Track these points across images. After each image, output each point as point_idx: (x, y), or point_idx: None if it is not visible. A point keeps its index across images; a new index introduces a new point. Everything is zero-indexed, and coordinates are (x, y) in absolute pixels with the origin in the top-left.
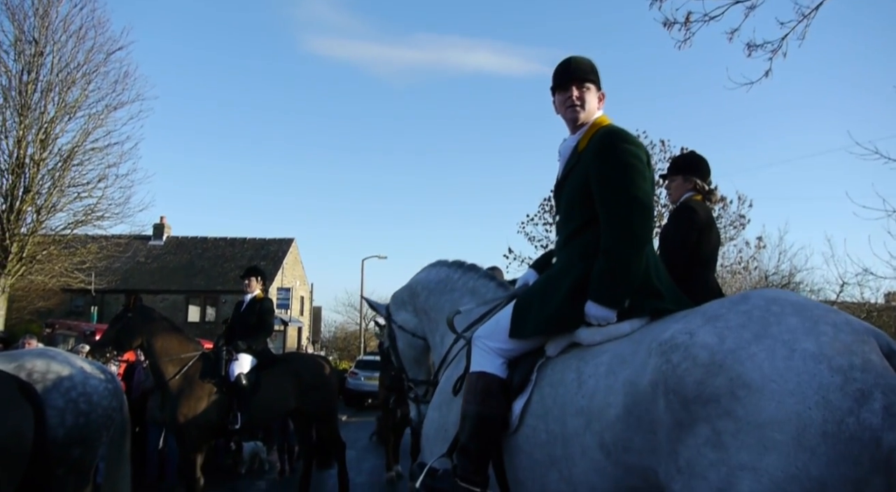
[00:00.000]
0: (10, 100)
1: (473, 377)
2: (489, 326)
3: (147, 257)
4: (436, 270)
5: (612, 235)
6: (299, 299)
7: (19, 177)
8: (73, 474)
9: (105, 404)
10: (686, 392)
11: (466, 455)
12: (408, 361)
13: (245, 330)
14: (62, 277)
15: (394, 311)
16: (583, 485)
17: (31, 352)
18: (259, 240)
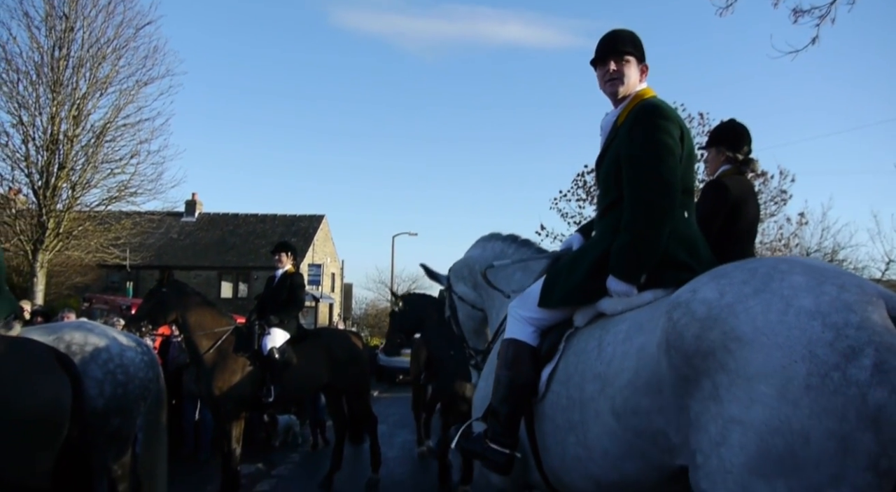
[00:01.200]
0: (42, 76)
1: (505, 344)
2: (523, 296)
3: (180, 234)
4: (491, 245)
5: (632, 211)
6: (330, 276)
7: (54, 153)
8: (113, 443)
9: (141, 376)
10: (686, 347)
11: (496, 418)
12: (468, 332)
13: (277, 305)
14: (98, 253)
15: (454, 282)
16: (597, 449)
17: (69, 324)
18: (290, 216)
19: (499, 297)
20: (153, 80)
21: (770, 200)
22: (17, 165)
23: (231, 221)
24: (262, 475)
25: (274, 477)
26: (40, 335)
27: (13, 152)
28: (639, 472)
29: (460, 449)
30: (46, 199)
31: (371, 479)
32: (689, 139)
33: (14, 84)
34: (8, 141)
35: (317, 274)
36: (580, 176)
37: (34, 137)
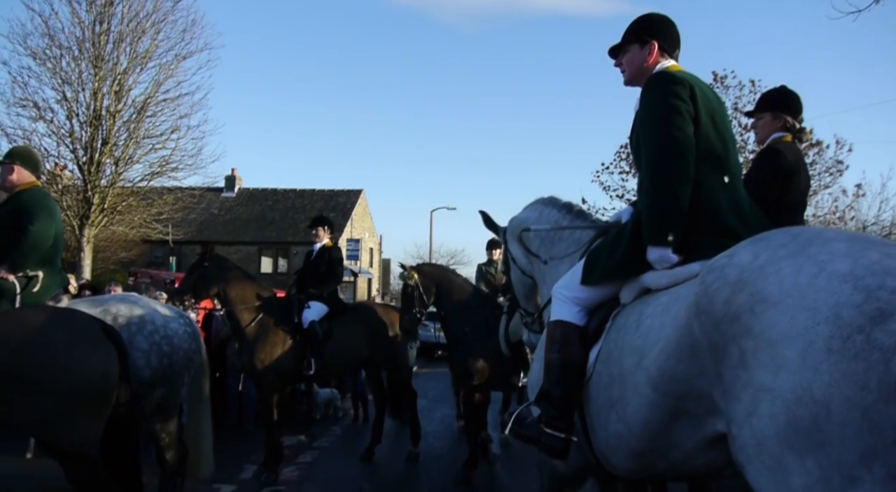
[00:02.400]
0: (84, 51)
1: (552, 325)
2: (567, 276)
3: (220, 209)
4: (547, 212)
5: (646, 173)
6: (368, 251)
7: (97, 129)
8: (159, 412)
9: (185, 347)
10: (715, 312)
11: (550, 402)
12: (519, 294)
13: (315, 278)
14: (141, 228)
15: (509, 240)
16: (636, 422)
17: (115, 297)
18: (328, 191)
19: (548, 271)
20: (192, 54)
21: (825, 170)
22: (63, 141)
23: (270, 196)
24: (304, 447)
25: (315, 449)
26: (88, 307)
27: (58, 128)
28: (682, 435)
29: (515, 435)
30: (91, 174)
31: (411, 452)
32: (709, 100)
33: (57, 60)
34: (53, 117)
35: (355, 249)
36: (623, 148)
37: (78, 112)
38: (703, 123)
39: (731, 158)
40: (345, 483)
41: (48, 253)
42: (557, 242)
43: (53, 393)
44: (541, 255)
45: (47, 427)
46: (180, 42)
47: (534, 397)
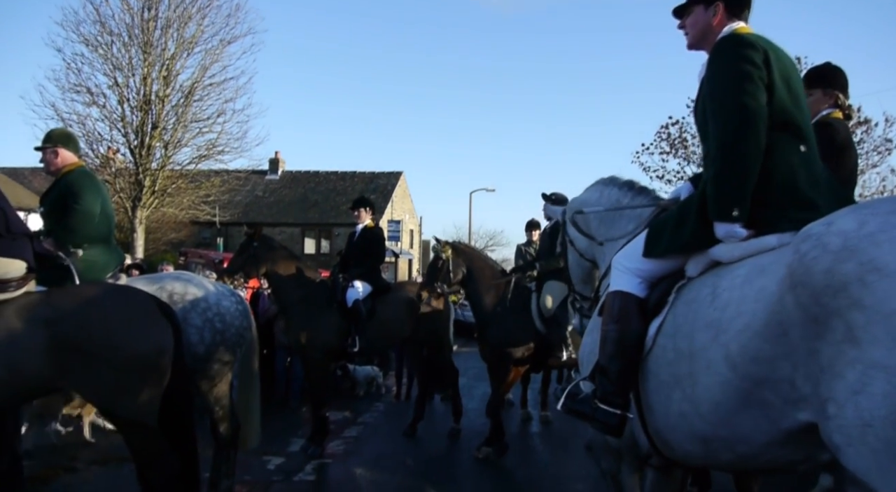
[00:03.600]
0: (134, 38)
1: (610, 297)
2: (628, 247)
3: (265, 191)
4: (607, 192)
5: (713, 144)
6: (409, 233)
7: (147, 113)
8: (213, 386)
9: (237, 324)
10: (814, 283)
11: (605, 376)
12: (574, 276)
13: (358, 258)
14: (190, 210)
15: (568, 222)
16: (705, 402)
17: (169, 275)
18: (369, 174)
19: (608, 251)
20: (236, 39)
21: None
22: (115, 126)
23: (312, 178)
24: (349, 422)
25: (360, 424)
26: (144, 285)
27: (110, 113)
28: (753, 428)
29: (568, 411)
30: (142, 158)
31: (453, 429)
32: (784, 63)
33: (108, 46)
34: (105, 102)
35: (396, 230)
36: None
37: (129, 97)
38: (777, 89)
39: (807, 125)
40: (388, 458)
41: (102, 231)
42: (618, 220)
43: (113, 365)
44: (599, 236)
45: (108, 398)
46: (225, 27)
47: (586, 372)
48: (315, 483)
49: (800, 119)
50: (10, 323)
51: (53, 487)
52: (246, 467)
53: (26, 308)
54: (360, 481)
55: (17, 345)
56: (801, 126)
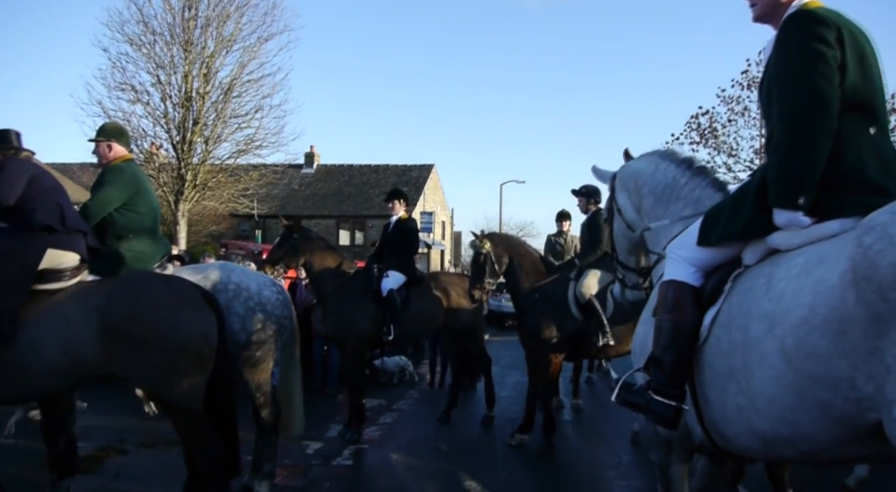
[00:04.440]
0: (175, 37)
1: (664, 286)
2: (682, 236)
3: (300, 185)
4: (664, 167)
5: (778, 128)
6: (440, 224)
7: (188, 110)
8: (255, 373)
9: (277, 313)
10: (880, 278)
11: (660, 367)
12: (619, 247)
13: (393, 249)
14: (230, 203)
15: (617, 189)
16: (761, 396)
17: (213, 265)
18: (401, 166)
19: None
20: (273, 37)
21: None
22: (158, 122)
23: (347, 171)
24: (384, 409)
25: (395, 411)
26: (189, 275)
27: (153, 110)
28: (815, 427)
29: (622, 402)
30: (184, 153)
31: (486, 416)
32: (858, 41)
33: (151, 45)
34: (149, 99)
35: (429, 221)
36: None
37: (171, 95)
38: (849, 69)
39: (880, 105)
40: (423, 443)
41: (146, 223)
42: (674, 200)
43: (161, 352)
44: (651, 215)
45: (156, 382)
46: (262, 25)
47: (638, 362)
48: (353, 468)
49: (872, 99)
50: (66, 310)
51: (105, 467)
52: (286, 451)
53: (80, 296)
54: (397, 467)
55: (72, 331)
56: (873, 107)
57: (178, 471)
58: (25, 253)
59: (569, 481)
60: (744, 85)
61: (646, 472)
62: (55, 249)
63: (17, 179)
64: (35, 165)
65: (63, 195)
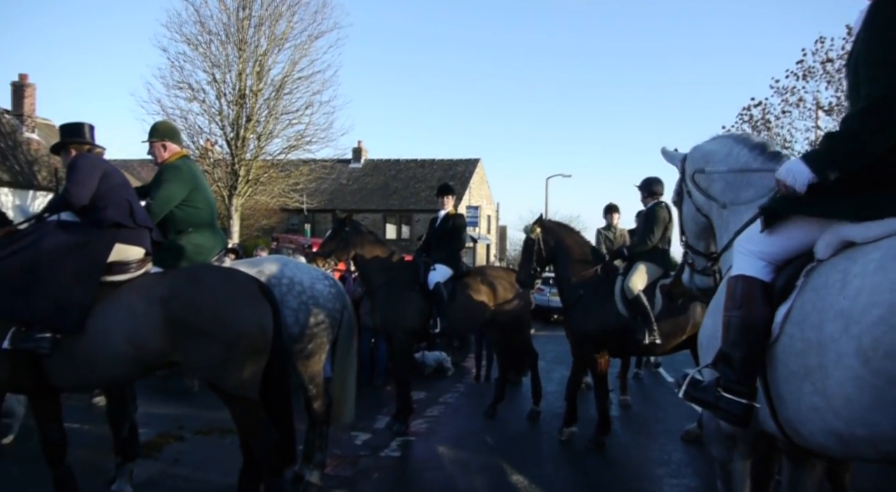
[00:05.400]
0: (230, 36)
1: (732, 281)
2: (750, 229)
3: (348, 179)
4: (736, 151)
5: (859, 103)
6: (486, 218)
7: (242, 107)
8: (308, 365)
9: (330, 307)
10: None
11: (729, 364)
12: (689, 230)
13: (440, 243)
14: (280, 198)
15: (688, 170)
16: (837, 397)
17: (268, 259)
18: (447, 161)
19: (731, 216)
20: (323, 34)
21: None
22: (213, 119)
23: (393, 166)
24: (431, 402)
25: (441, 404)
26: (245, 267)
27: (209, 107)
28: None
29: (690, 399)
30: (237, 149)
31: (532, 411)
32: None
33: (207, 45)
34: (205, 97)
35: (474, 216)
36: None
37: (226, 92)
38: None
39: None
40: (470, 437)
41: (204, 216)
42: (746, 186)
43: (219, 342)
44: (721, 199)
45: (215, 371)
46: (312, 23)
47: (705, 357)
48: (400, 459)
49: None
50: (132, 301)
51: (165, 453)
52: (335, 441)
53: (145, 288)
54: (444, 459)
55: (137, 321)
56: None
57: (233, 458)
58: (95, 247)
59: (617, 478)
60: (799, 75)
61: (697, 470)
62: (122, 243)
63: (90, 177)
64: (105, 161)
65: (131, 192)
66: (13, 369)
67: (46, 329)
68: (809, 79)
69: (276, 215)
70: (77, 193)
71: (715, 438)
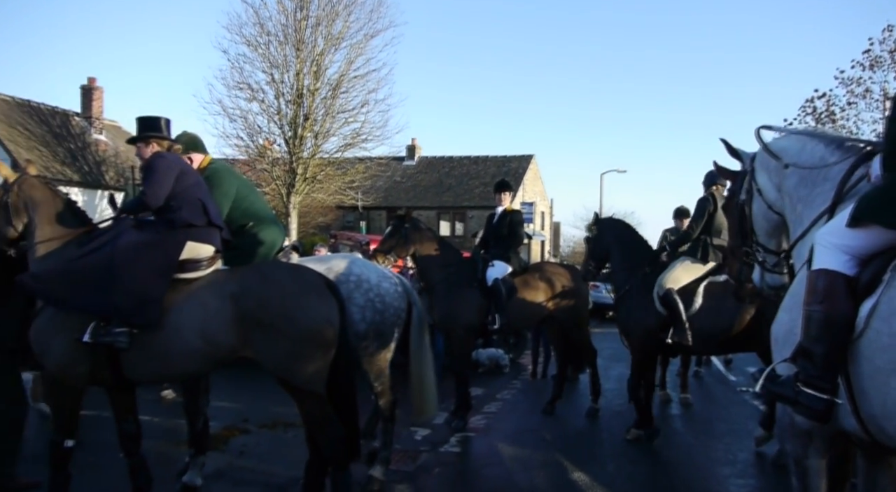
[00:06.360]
0: (288, 37)
1: (814, 275)
2: (833, 222)
3: (402, 177)
4: (811, 146)
5: None
6: (539, 214)
7: (299, 106)
8: (374, 362)
9: (395, 305)
10: None
11: (810, 359)
12: (759, 229)
13: (498, 240)
14: (336, 195)
15: (757, 168)
16: None
17: (336, 256)
18: (500, 157)
19: (807, 219)
20: (378, 33)
21: None
22: (272, 119)
23: (447, 163)
24: (488, 399)
25: (499, 400)
26: (313, 264)
27: (268, 107)
28: None
29: (768, 393)
30: (295, 147)
31: (591, 408)
32: None
33: (266, 46)
34: (264, 97)
35: (529, 212)
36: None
37: (284, 92)
38: None
39: None
40: (528, 434)
41: (260, 209)
42: (821, 181)
43: (288, 337)
44: (795, 196)
45: (283, 366)
46: (368, 22)
47: (782, 351)
48: (460, 455)
49: None
50: (204, 298)
51: (231, 445)
52: (395, 437)
53: (216, 284)
54: (503, 456)
55: (209, 317)
56: None
57: (297, 451)
58: (169, 245)
59: (680, 478)
60: (865, 65)
61: (764, 470)
62: (194, 241)
63: (165, 178)
64: (181, 160)
65: (204, 191)
66: (93, 363)
67: (124, 324)
68: (877, 68)
69: (331, 213)
70: (153, 195)
71: (790, 433)
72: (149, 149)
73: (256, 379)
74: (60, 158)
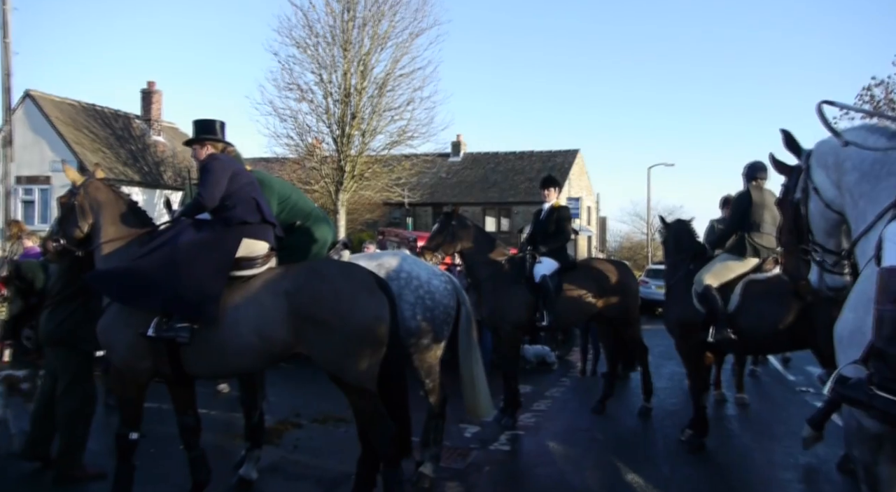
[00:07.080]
0: (335, 38)
1: (886, 273)
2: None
3: (448, 173)
4: (873, 141)
5: None
6: (586, 209)
7: (347, 105)
8: (424, 360)
9: (445, 302)
10: None
11: (884, 361)
12: (816, 228)
13: (545, 236)
14: (383, 192)
15: (813, 166)
16: None
17: (386, 253)
18: (546, 152)
19: (871, 215)
20: (423, 31)
21: None
22: (321, 118)
23: (492, 159)
24: (537, 396)
25: (548, 398)
26: (365, 262)
27: (317, 107)
28: None
29: (839, 396)
30: (343, 146)
31: (643, 407)
32: None
33: (315, 47)
34: (313, 97)
35: (576, 207)
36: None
37: (332, 92)
38: None
39: None
40: (579, 433)
41: (306, 207)
42: (885, 176)
43: (340, 334)
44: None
45: (336, 362)
46: (413, 21)
47: (846, 352)
48: (510, 453)
49: None
50: (258, 295)
51: (284, 440)
52: (445, 434)
53: (270, 282)
54: (554, 455)
55: (265, 314)
56: None
57: (349, 446)
58: (225, 243)
59: (740, 482)
60: None
61: (828, 475)
62: (249, 238)
63: (220, 179)
64: (234, 162)
65: (257, 190)
66: (155, 358)
67: (185, 320)
68: None
69: (378, 209)
70: (209, 196)
71: (857, 438)
72: (204, 150)
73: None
74: (122, 159)
